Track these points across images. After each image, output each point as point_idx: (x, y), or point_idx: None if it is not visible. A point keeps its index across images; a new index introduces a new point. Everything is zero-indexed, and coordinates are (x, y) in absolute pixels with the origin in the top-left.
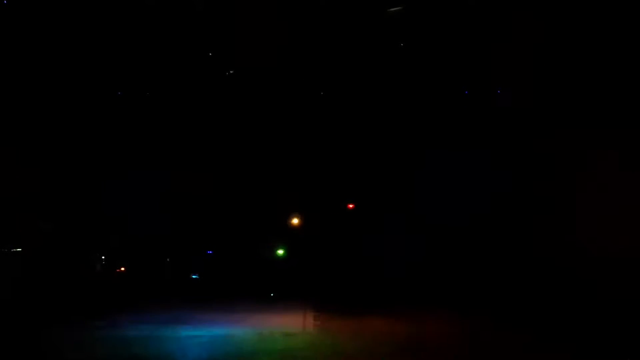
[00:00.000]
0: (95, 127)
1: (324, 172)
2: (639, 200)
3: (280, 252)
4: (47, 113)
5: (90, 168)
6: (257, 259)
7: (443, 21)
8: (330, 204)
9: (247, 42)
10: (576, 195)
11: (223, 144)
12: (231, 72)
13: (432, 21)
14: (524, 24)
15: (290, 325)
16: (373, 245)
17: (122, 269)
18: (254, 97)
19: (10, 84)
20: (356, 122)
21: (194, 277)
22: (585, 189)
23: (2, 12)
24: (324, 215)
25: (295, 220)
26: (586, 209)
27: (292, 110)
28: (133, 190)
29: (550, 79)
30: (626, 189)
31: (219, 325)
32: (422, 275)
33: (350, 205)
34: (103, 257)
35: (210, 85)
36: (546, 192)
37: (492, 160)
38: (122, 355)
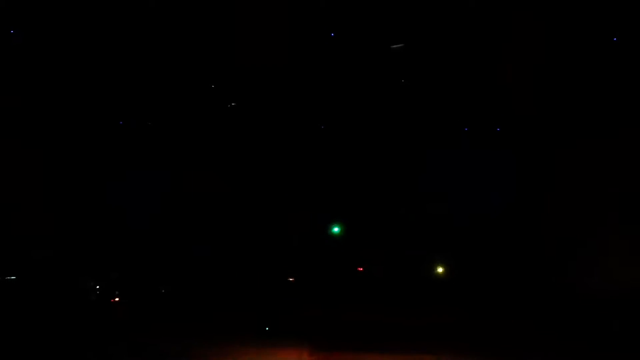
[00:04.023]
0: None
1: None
2: None
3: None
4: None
5: (83, 184)
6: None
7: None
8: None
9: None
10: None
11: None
12: (233, 104)
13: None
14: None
15: None
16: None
17: (117, 299)
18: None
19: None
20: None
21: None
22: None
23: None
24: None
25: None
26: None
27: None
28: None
29: (555, 95)
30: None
31: None
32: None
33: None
34: (98, 287)
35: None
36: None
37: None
38: None
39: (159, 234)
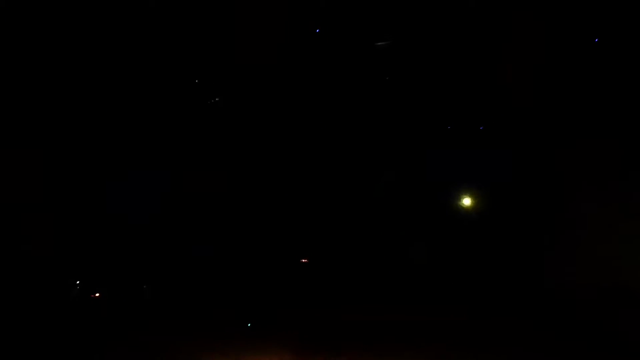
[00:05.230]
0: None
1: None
2: None
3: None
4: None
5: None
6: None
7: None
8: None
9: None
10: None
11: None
12: (216, 99)
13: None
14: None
15: None
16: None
17: (97, 294)
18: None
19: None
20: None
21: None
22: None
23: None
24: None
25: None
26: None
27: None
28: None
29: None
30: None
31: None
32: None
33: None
34: (78, 282)
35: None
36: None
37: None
38: None
39: (154, 232)
